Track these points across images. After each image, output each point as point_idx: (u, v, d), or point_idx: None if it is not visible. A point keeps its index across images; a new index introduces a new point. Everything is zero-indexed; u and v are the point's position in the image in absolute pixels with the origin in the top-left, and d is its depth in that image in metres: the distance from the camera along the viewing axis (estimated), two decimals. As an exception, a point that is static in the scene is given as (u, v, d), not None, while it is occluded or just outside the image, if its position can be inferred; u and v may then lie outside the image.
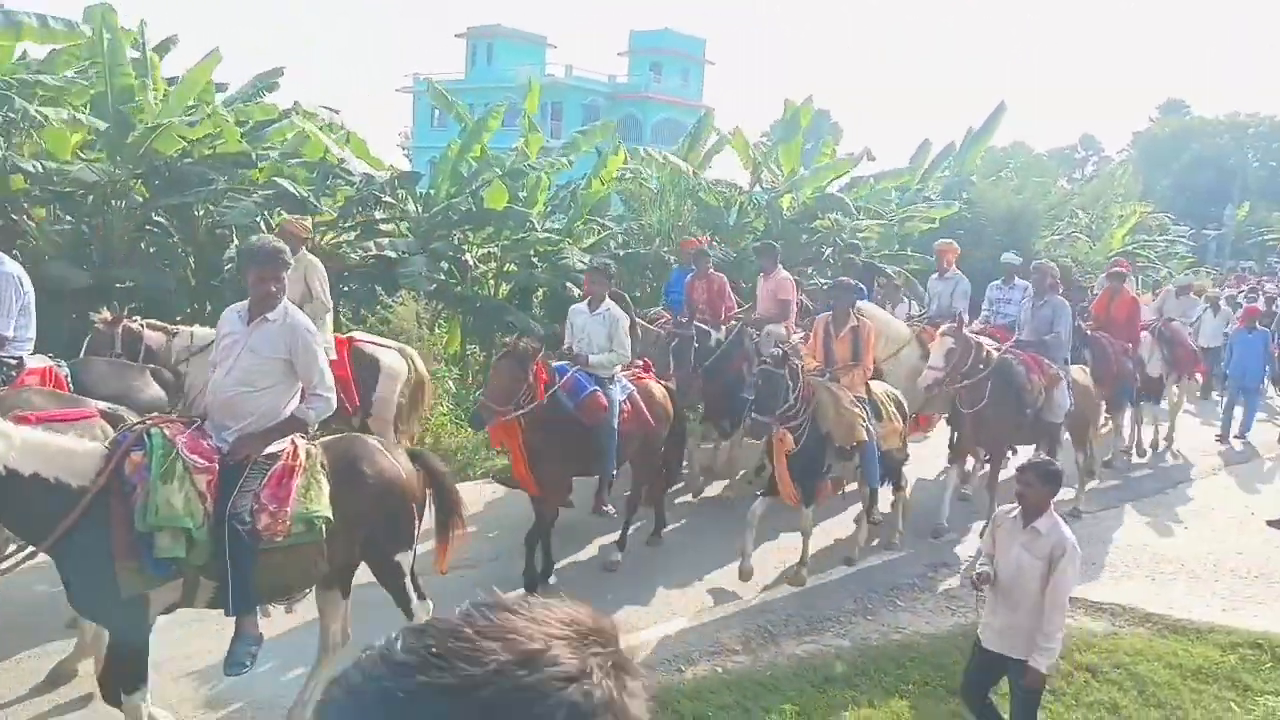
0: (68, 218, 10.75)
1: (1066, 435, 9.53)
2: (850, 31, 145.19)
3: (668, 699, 5.56)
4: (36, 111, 9.10)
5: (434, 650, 0.82)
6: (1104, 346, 10.96)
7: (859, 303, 9.25)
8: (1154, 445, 12.68)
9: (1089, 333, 11.00)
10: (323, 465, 4.60)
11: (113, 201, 10.60)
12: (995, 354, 8.57)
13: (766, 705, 5.61)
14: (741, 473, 10.21)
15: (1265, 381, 14.79)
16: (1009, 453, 9.24)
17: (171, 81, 12.05)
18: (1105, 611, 7.31)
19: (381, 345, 8.59)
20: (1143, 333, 11.97)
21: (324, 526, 4.46)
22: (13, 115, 8.96)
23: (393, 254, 12.05)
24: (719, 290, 10.12)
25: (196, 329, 7.78)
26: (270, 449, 4.47)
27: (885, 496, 8.39)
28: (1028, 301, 9.93)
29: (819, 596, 7.30)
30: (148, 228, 11.23)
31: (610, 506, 7.79)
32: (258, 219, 11.01)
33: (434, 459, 5.44)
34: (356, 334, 8.92)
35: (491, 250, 13.72)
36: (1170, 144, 56.43)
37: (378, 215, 12.56)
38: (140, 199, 10.95)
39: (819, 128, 20.58)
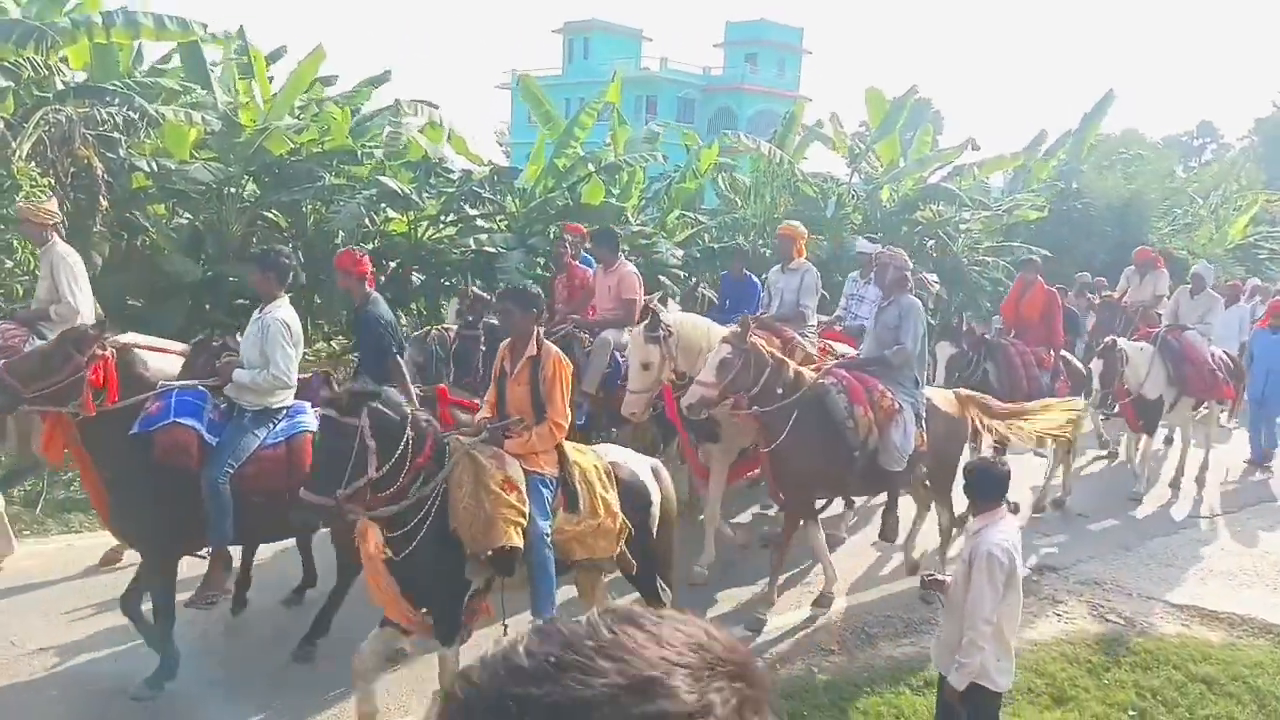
0: (184, 215, 11.21)
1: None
2: (954, 16, 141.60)
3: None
4: (156, 111, 9.49)
5: (552, 660, 0.79)
6: (1010, 356, 8.88)
7: (666, 311, 7.74)
8: (1174, 483, 10.34)
9: (988, 339, 9.02)
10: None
11: (226, 199, 11.02)
12: (806, 374, 6.50)
13: (862, 707, 5.53)
14: None
15: None
16: (845, 504, 8.20)
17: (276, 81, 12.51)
18: (1223, 621, 6.99)
19: None
20: (1141, 343, 9.85)
21: None
22: (132, 115, 9.36)
23: (491, 249, 12.24)
24: (582, 284, 8.74)
25: None
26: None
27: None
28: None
29: (917, 599, 7.14)
30: (259, 224, 11.64)
31: (212, 596, 5.43)
32: (364, 220, 11.34)
33: None
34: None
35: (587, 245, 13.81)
36: (1296, 130, 53.50)
37: (476, 211, 12.77)
38: (252, 196, 11.36)
39: (919, 116, 20.12)
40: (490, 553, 4.58)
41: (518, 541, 4.62)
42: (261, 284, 5.60)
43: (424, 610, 4.75)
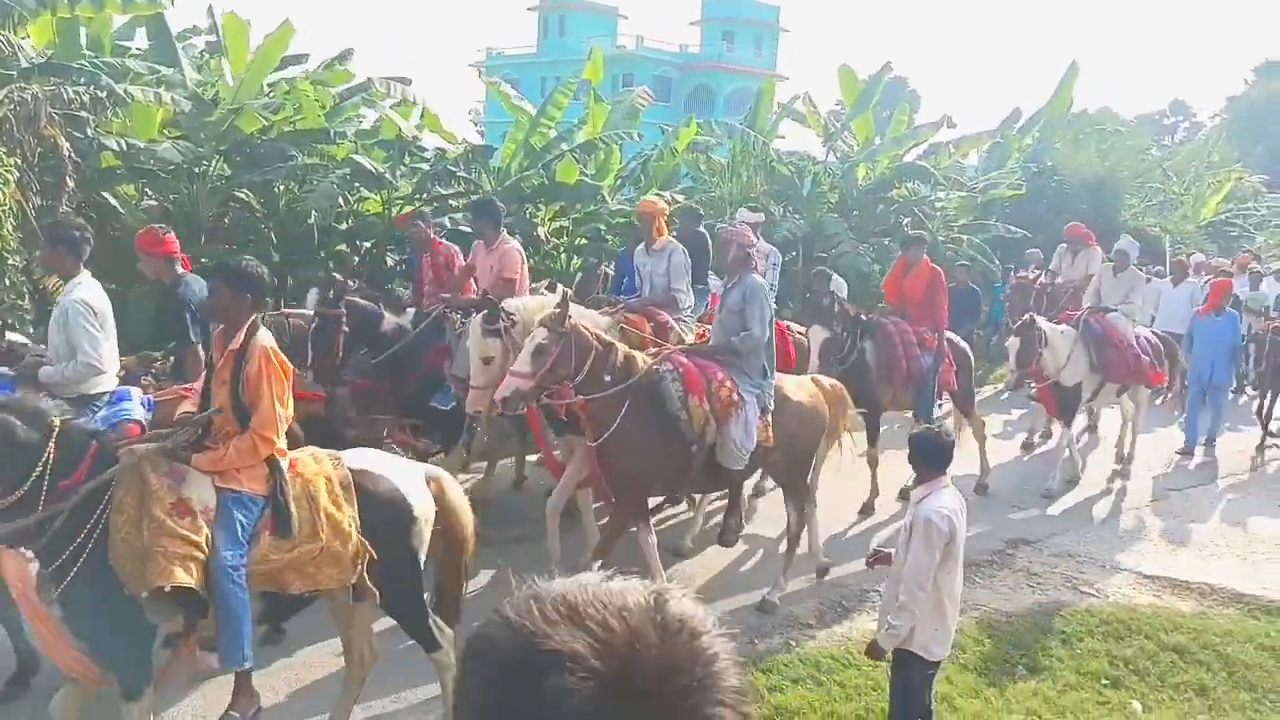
0: (153, 196, 11.06)
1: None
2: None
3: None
4: (124, 90, 9.35)
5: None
6: (889, 335, 8.36)
7: (551, 296, 7.15)
8: (1117, 470, 9.96)
9: (865, 318, 8.50)
10: None
11: (196, 178, 10.88)
12: (639, 359, 5.97)
13: (840, 680, 5.57)
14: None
15: (1233, 379, 11.44)
16: (682, 501, 7.74)
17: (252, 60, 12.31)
18: (1193, 591, 7.09)
19: None
20: (1062, 325, 9.28)
21: None
22: (99, 93, 9.21)
23: (466, 229, 12.16)
24: (448, 263, 8.18)
25: None
26: None
27: None
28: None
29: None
30: (230, 204, 11.50)
31: None
32: (338, 200, 11.24)
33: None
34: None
35: (563, 224, 13.76)
36: (1267, 108, 53.91)
37: (449, 190, 12.68)
38: (222, 176, 11.22)
39: (895, 95, 20.13)
40: (147, 593, 3.82)
41: (184, 579, 3.82)
42: (53, 260, 5.14)
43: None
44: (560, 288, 8.27)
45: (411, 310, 7.88)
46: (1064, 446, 9.33)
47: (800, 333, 8.58)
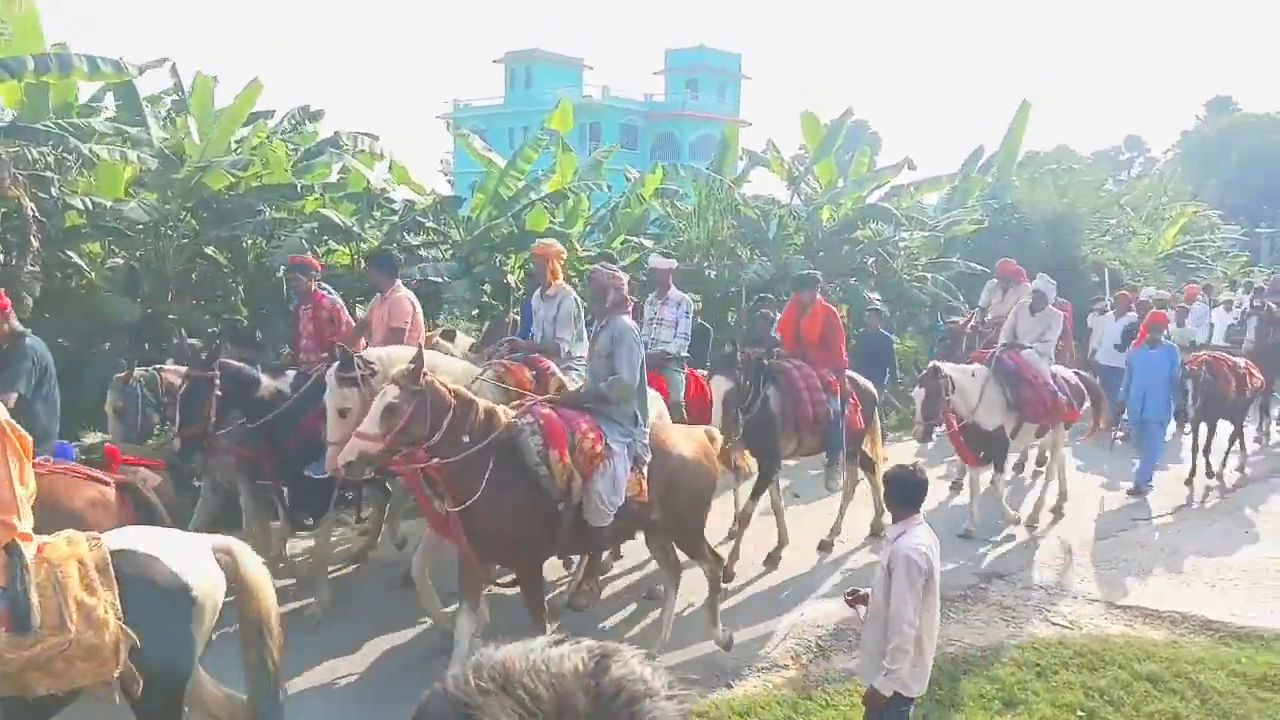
0: (120, 253, 11.03)
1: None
2: (889, 39, 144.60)
3: (717, 715, 5.54)
4: (90, 150, 9.37)
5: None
6: (793, 380, 7.99)
7: (449, 345, 7.46)
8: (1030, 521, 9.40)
9: (767, 363, 8.08)
10: None
11: (164, 235, 10.87)
12: (501, 414, 5.50)
13: (818, 720, 5.57)
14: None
15: (1170, 414, 10.92)
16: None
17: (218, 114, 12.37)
18: (1165, 620, 7.16)
19: None
20: (974, 365, 9.13)
21: None
22: (66, 155, 9.23)
23: (436, 279, 12.21)
24: (331, 318, 7.65)
25: None
26: None
27: None
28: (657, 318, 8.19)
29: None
30: (198, 260, 11.49)
31: None
32: (306, 253, 11.25)
33: None
34: None
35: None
36: (1219, 142, 55.31)
37: (418, 240, 12.74)
38: (190, 232, 11.22)
39: (857, 138, 20.53)
40: None
41: None
42: None
43: None
44: (445, 338, 8.12)
45: (291, 373, 7.26)
46: (983, 486, 9.10)
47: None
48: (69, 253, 10.07)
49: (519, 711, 0.85)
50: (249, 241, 11.58)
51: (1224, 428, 11.44)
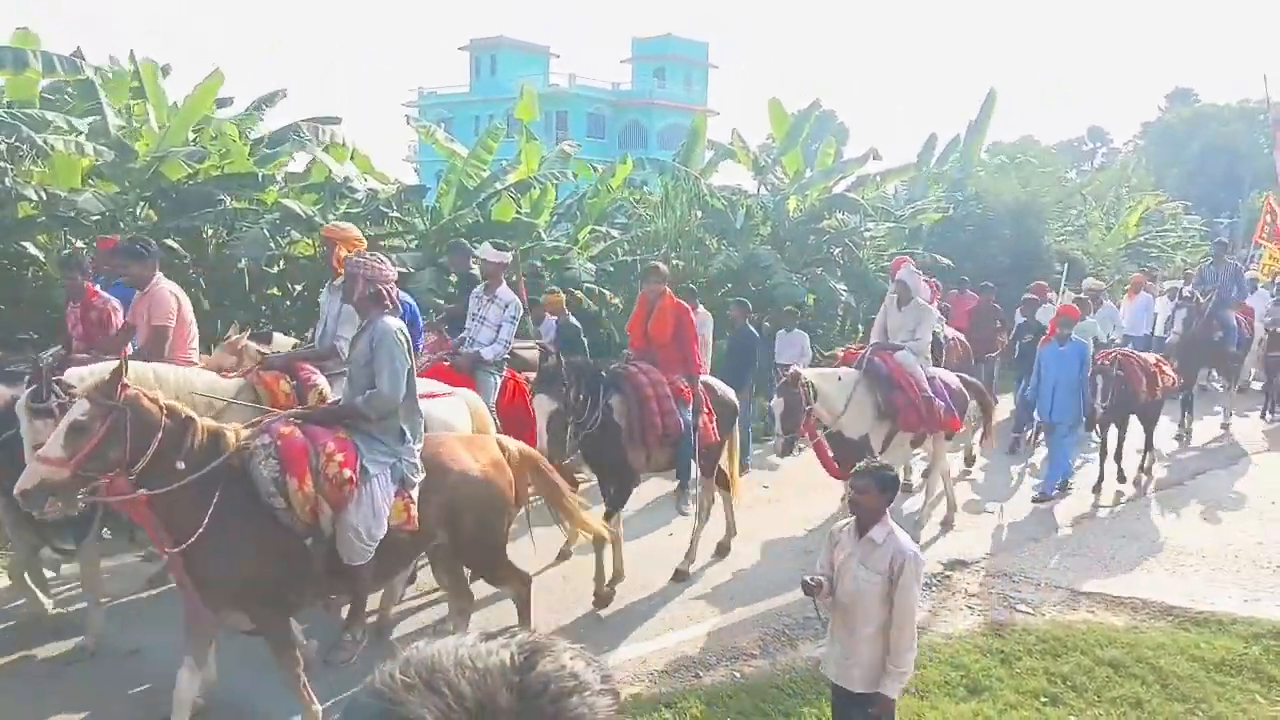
0: (78, 243, 10.84)
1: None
2: (855, 28, 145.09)
3: (685, 706, 5.54)
4: (43, 140, 9.20)
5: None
6: (639, 388, 7.08)
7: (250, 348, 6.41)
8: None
9: (605, 371, 7.17)
10: None
11: (120, 225, 10.69)
12: (230, 435, 4.69)
13: (785, 710, 5.58)
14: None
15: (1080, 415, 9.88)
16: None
17: (178, 105, 12.19)
18: (1126, 606, 7.24)
19: None
20: (841, 369, 8.25)
21: None
22: (19, 145, 9.05)
23: (401, 269, 12.10)
24: (101, 319, 6.90)
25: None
26: None
27: None
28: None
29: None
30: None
31: None
32: (268, 243, 11.12)
33: None
34: None
35: (499, 262, 13.77)
36: (1181, 133, 56.07)
37: (382, 230, 12.62)
38: (148, 222, 11.04)
39: (824, 128, 20.60)
40: None
41: None
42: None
43: None
44: (258, 340, 7.05)
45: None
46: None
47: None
48: (24, 243, 9.88)
49: (441, 708, 0.83)
50: (209, 232, 11.41)
51: (1136, 428, 10.55)
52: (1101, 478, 10.17)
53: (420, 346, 7.34)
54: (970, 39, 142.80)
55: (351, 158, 13.15)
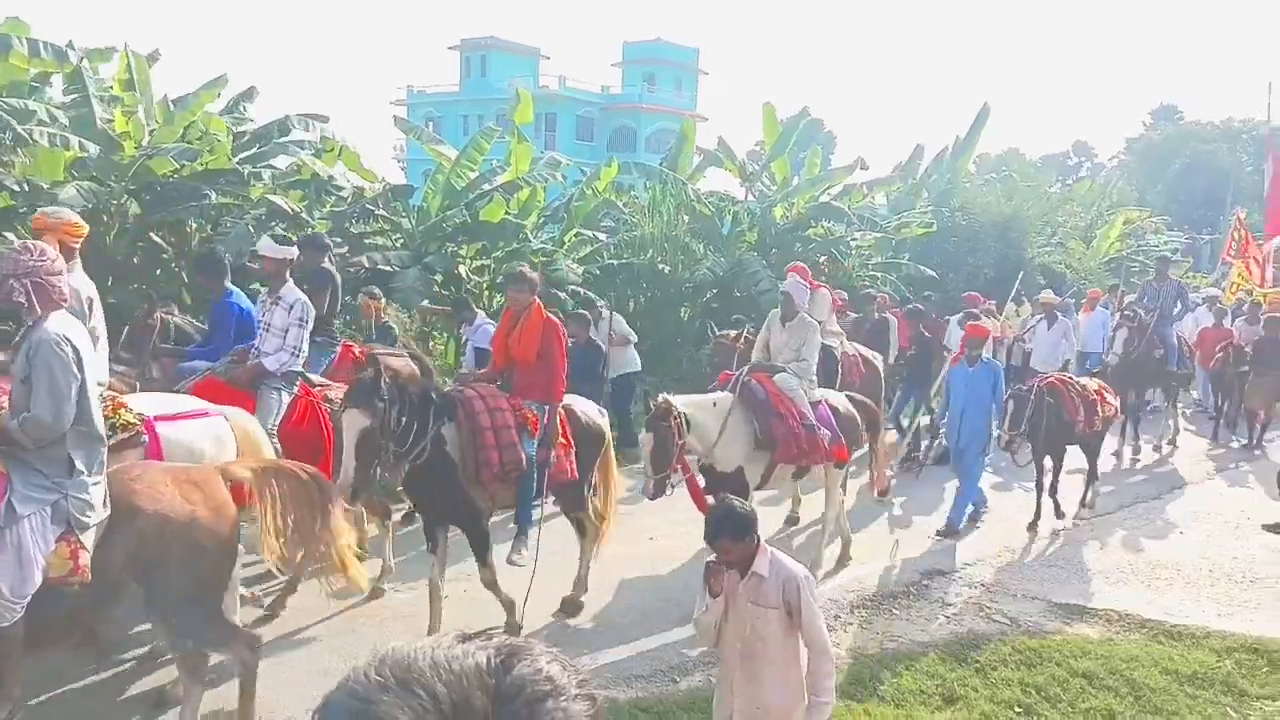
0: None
1: None
2: (845, 38, 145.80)
3: (663, 710, 5.55)
4: (23, 130, 9.14)
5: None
6: (474, 415, 6.08)
7: None
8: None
9: (438, 393, 6.07)
10: None
11: (105, 219, 10.62)
12: None
13: (761, 716, 5.59)
14: None
15: (990, 441, 9.15)
16: None
17: (176, 102, 12.20)
18: (1100, 617, 7.29)
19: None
20: (716, 393, 7.40)
21: None
22: (1, 135, 8.99)
23: (386, 268, 12.07)
24: None
25: None
26: None
27: None
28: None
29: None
30: (140, 244, 11.25)
31: None
32: (252, 239, 11.07)
33: None
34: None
35: (485, 263, 13.77)
36: (1164, 149, 56.56)
37: (368, 228, 12.60)
38: (133, 216, 10.98)
39: (812, 137, 20.72)
40: None
41: None
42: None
43: None
44: None
45: None
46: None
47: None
48: (4, 234, 9.81)
49: (415, 709, 0.83)
50: (193, 226, 11.36)
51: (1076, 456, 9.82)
52: (1038, 514, 9.32)
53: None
54: (959, 52, 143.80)
55: (340, 155, 13.12)
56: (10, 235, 9.88)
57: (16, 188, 9.47)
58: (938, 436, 10.06)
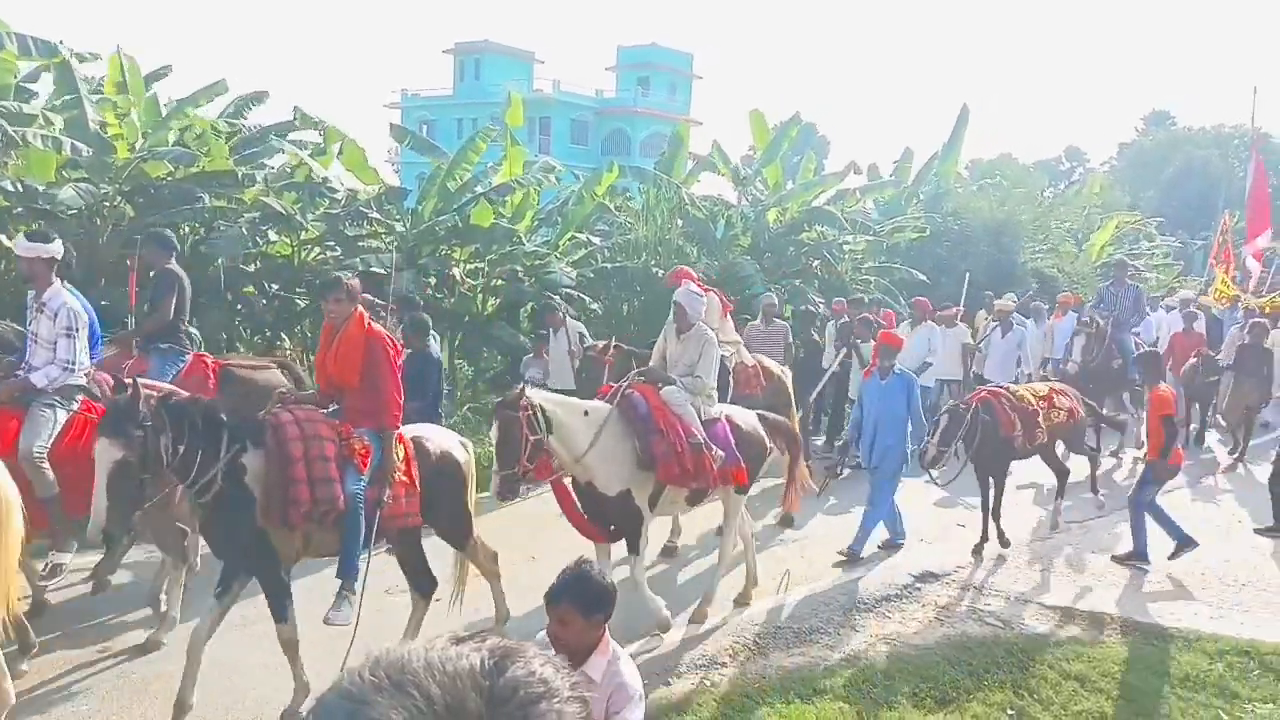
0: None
1: None
2: (840, 44, 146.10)
3: (655, 713, 5.55)
4: (14, 131, 9.13)
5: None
6: (285, 444, 5.11)
7: None
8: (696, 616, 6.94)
9: (249, 419, 5.22)
10: None
11: (98, 220, 10.61)
12: None
13: (756, 717, 5.60)
14: None
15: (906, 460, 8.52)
16: None
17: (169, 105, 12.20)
18: (1093, 620, 7.32)
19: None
20: (594, 403, 6.56)
21: None
22: (-7, 136, 8.98)
23: (380, 270, 12.06)
24: None
25: None
26: None
27: None
28: None
29: (808, 608, 7.29)
30: (132, 247, 11.23)
31: None
32: (246, 242, 11.08)
33: None
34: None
35: (479, 266, 13.78)
36: (1156, 155, 56.77)
37: (362, 231, 12.60)
38: (126, 218, 10.97)
39: (805, 141, 20.79)
40: None
41: None
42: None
43: None
44: None
45: None
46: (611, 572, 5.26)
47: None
48: (-1, 235, 9.80)
49: (409, 710, 0.83)
50: (186, 229, 11.35)
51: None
52: (984, 538, 8.79)
53: (98, 358, 6.28)
54: (952, 57, 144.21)
55: (340, 153, 13.10)
56: (2, 236, 9.86)
57: (11, 189, 9.44)
58: (847, 453, 9.36)
